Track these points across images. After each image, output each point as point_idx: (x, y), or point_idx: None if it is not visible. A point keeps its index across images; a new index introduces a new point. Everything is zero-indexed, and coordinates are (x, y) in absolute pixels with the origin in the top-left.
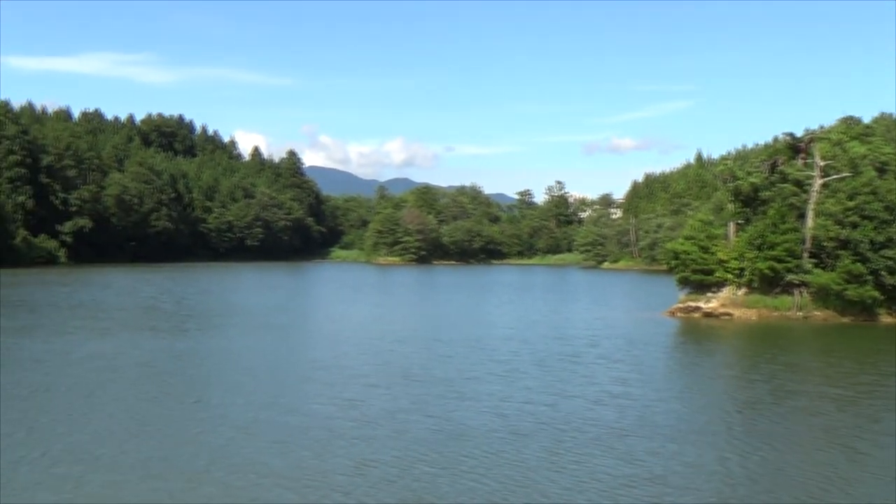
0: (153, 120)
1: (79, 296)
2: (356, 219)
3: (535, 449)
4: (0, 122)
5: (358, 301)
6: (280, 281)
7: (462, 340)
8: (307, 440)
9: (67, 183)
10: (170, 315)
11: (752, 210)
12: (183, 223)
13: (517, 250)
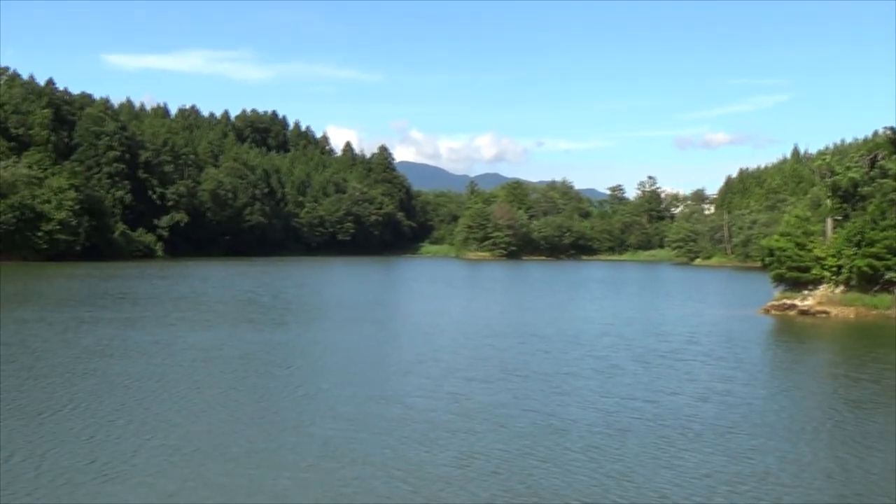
0: (248, 116)
1: (178, 289)
2: (446, 214)
3: (637, 444)
4: (100, 118)
5: (451, 296)
6: (372, 275)
7: (558, 336)
8: (412, 432)
9: (164, 178)
10: (267, 308)
11: (851, 206)
12: (276, 217)
13: (608, 246)
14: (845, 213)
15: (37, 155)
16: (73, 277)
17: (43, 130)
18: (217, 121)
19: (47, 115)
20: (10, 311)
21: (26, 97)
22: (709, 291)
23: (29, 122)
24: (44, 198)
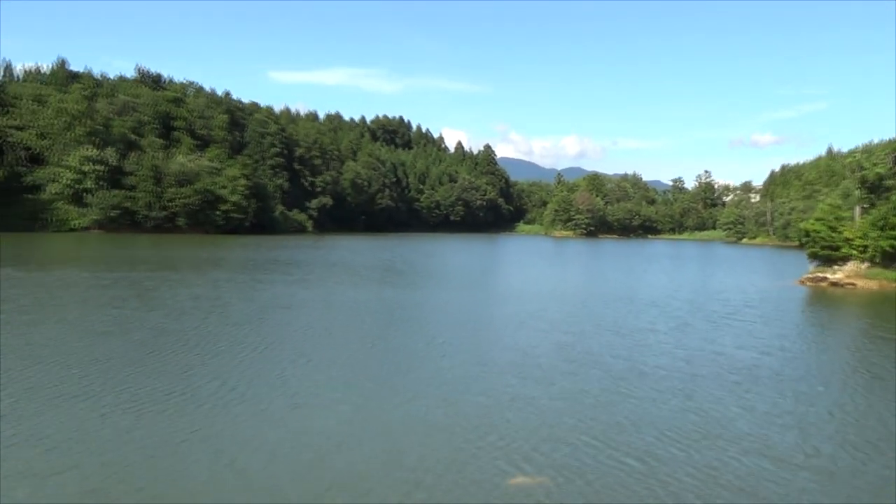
0: (380, 120)
1: (330, 257)
2: (537, 200)
3: (712, 387)
4: (265, 122)
5: (546, 266)
6: (480, 248)
7: (637, 299)
8: (527, 373)
9: (314, 169)
10: (402, 273)
11: (877, 196)
12: (401, 201)
13: (669, 227)
14: (871, 202)
15: (216, 151)
16: (245, 247)
17: (221, 132)
18: (356, 124)
19: (224, 120)
20: (206, 274)
21: (209, 105)
22: (755, 266)
23: (210, 125)
24: (221, 184)
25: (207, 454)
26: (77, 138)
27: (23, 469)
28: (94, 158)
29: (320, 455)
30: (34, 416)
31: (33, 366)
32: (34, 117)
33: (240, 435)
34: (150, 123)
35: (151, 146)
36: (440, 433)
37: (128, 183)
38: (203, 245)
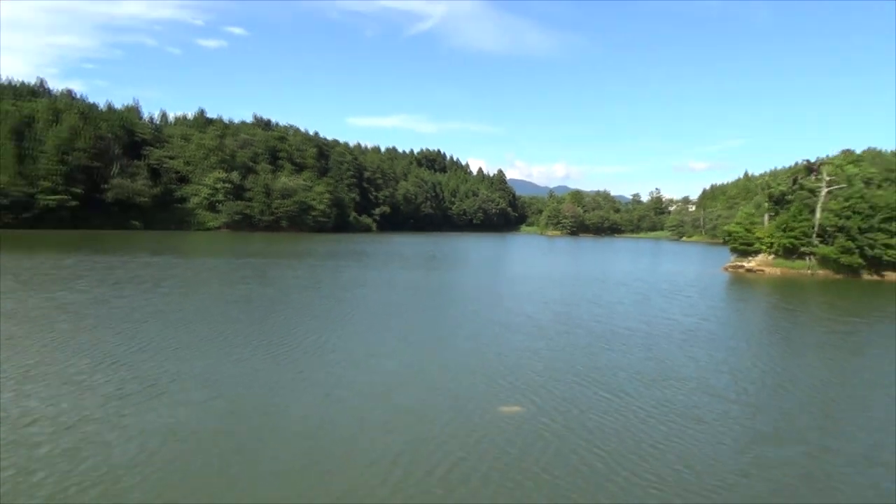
0: (423, 152)
1: (389, 249)
2: (535, 209)
3: (668, 343)
4: (343, 153)
5: (542, 256)
6: (495, 243)
7: (609, 279)
8: (534, 332)
9: (377, 187)
10: (440, 260)
11: (780, 207)
12: (438, 210)
13: (630, 228)
14: (776, 211)
15: (308, 174)
16: (329, 242)
17: (312, 160)
18: (406, 155)
19: (314, 152)
20: (303, 260)
21: (303, 142)
22: (691, 257)
23: (304, 156)
24: (311, 197)
25: (310, 389)
26: (211, 165)
27: (182, 399)
28: (223, 179)
29: (388, 389)
30: (189, 361)
31: (187, 325)
32: (182, 150)
33: (332, 375)
34: (262, 154)
35: (263, 170)
36: (470, 375)
37: (247, 196)
38: (299, 240)
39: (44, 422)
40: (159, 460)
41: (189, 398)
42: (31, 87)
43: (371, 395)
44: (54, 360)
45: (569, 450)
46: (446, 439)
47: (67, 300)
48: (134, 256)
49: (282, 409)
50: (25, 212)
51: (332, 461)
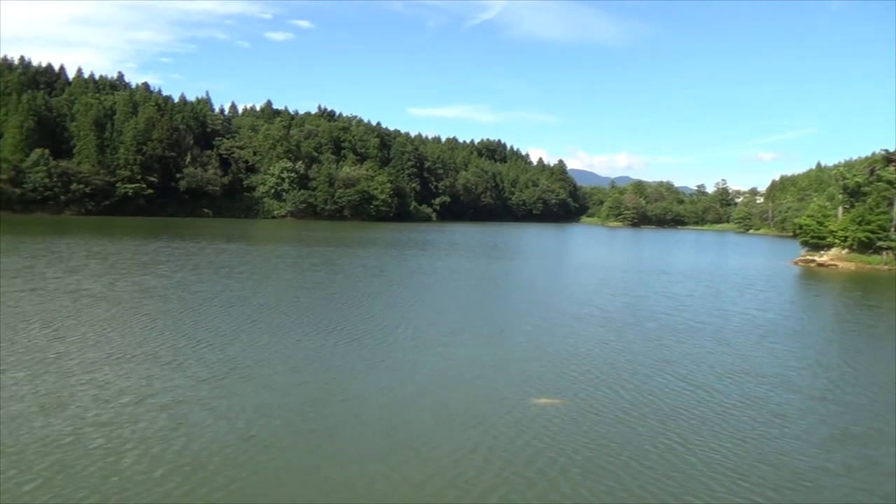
0: (484, 142)
1: (452, 238)
2: (596, 200)
3: (746, 338)
4: (404, 143)
5: (605, 247)
6: (557, 233)
7: (678, 272)
8: (604, 323)
9: (437, 177)
10: (501, 249)
11: (856, 200)
12: (498, 200)
13: (694, 220)
14: (851, 204)
15: (370, 163)
16: (391, 231)
17: (374, 150)
18: (467, 145)
19: (376, 142)
20: (368, 248)
21: (366, 132)
22: (759, 250)
23: (367, 146)
24: (373, 187)
25: (387, 375)
26: (278, 154)
27: (268, 383)
28: (289, 168)
29: (463, 377)
30: (271, 346)
31: (265, 310)
32: (250, 140)
33: (408, 362)
34: (326, 144)
35: (327, 160)
36: (542, 365)
37: (311, 185)
38: (362, 229)
39: (142, 401)
40: (248, 442)
41: (274, 382)
42: (112, 81)
43: (446, 382)
44: (146, 341)
45: (647, 442)
46: (524, 429)
47: (152, 284)
48: (210, 243)
49: (362, 395)
50: (106, 199)
51: (414, 449)
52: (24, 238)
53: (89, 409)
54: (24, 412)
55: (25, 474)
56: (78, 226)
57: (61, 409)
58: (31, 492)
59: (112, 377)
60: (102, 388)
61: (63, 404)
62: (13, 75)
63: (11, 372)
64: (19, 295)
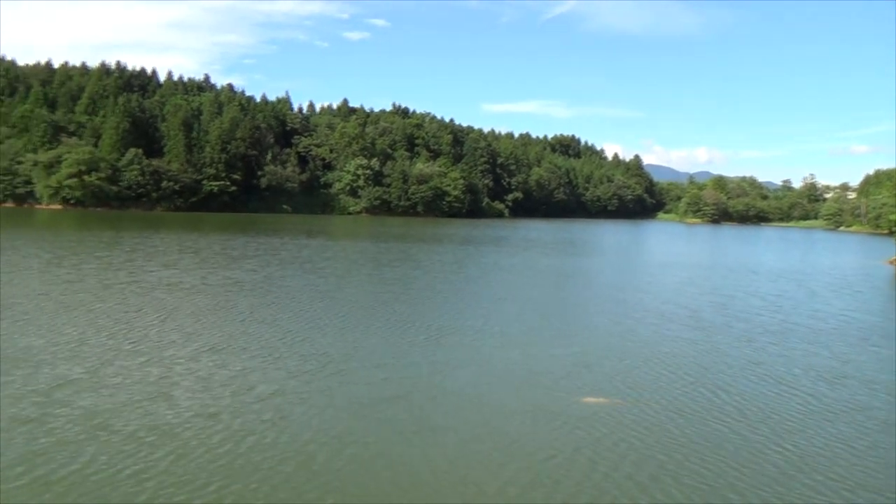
0: (557, 137)
1: (527, 235)
2: (674, 195)
3: (847, 341)
4: (477, 140)
5: (685, 244)
6: (632, 231)
7: (765, 272)
8: (692, 324)
9: (510, 173)
10: (578, 246)
11: None
12: (572, 196)
13: (778, 217)
14: None
15: (443, 160)
16: (465, 227)
17: (447, 147)
18: (540, 140)
19: (449, 139)
20: (443, 244)
21: (439, 129)
22: (850, 248)
23: (440, 143)
24: (446, 183)
25: (477, 369)
26: (353, 152)
27: (357, 378)
28: (364, 165)
29: (549, 375)
30: (359, 340)
31: (350, 304)
32: (326, 138)
33: (495, 356)
34: (400, 141)
35: (401, 157)
36: (623, 360)
37: (385, 182)
38: (436, 225)
39: (243, 393)
40: (346, 437)
41: (363, 377)
42: (198, 83)
43: (534, 380)
44: (241, 334)
45: (751, 447)
46: (614, 429)
47: (242, 278)
48: (293, 238)
49: (450, 391)
50: (193, 196)
51: (506, 447)
52: (123, 233)
53: (195, 399)
54: (130, 400)
55: (145, 460)
56: (169, 221)
57: (166, 398)
58: (154, 477)
59: (212, 368)
60: (205, 379)
61: (167, 394)
62: (111, 79)
63: (120, 361)
64: (124, 287)
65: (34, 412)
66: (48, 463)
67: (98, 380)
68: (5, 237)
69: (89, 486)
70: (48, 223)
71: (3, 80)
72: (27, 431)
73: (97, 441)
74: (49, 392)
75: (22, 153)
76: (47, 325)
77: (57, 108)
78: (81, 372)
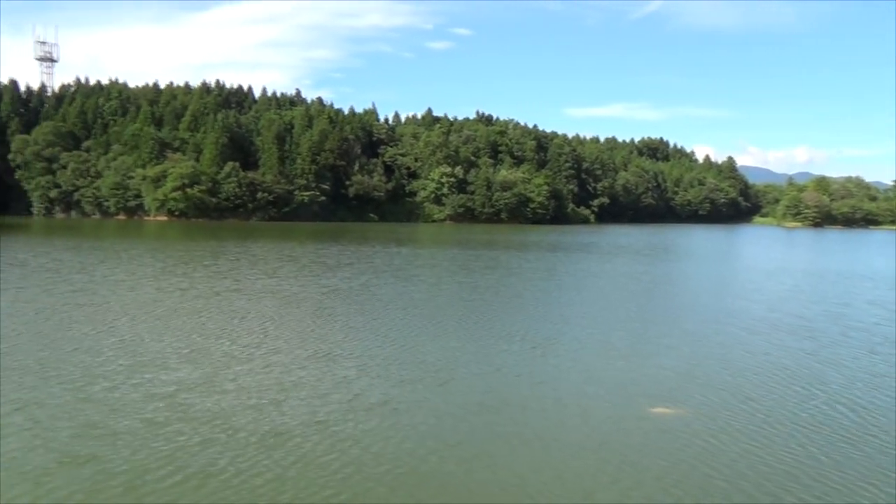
0: (644, 140)
1: (616, 241)
2: (771, 198)
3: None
4: (561, 145)
5: (787, 250)
6: (726, 236)
7: (883, 279)
8: (803, 333)
9: (595, 178)
10: (673, 252)
11: None
12: (660, 200)
13: (889, 219)
14: None
15: (527, 166)
16: (550, 233)
17: (530, 153)
18: (626, 144)
19: (533, 145)
20: (531, 251)
21: (523, 135)
22: None
23: (523, 149)
24: (530, 189)
25: (583, 378)
26: (438, 160)
27: (460, 386)
28: (448, 173)
29: (653, 389)
30: (457, 348)
31: (445, 313)
32: (412, 147)
33: (600, 366)
34: (483, 149)
35: (484, 164)
36: (740, 374)
37: (469, 189)
38: (521, 232)
39: (350, 401)
40: (456, 446)
41: (465, 386)
42: (290, 97)
43: (637, 391)
44: (343, 341)
45: (877, 465)
46: (741, 446)
47: (340, 286)
48: (384, 246)
49: (553, 400)
50: (286, 206)
51: (617, 464)
52: (225, 243)
53: (307, 405)
54: (247, 405)
55: (264, 463)
56: (264, 231)
57: (278, 404)
58: (268, 483)
59: (319, 375)
60: (313, 386)
61: (279, 400)
62: (210, 97)
63: (235, 366)
64: (231, 294)
65: (162, 415)
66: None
67: (215, 385)
68: (122, 247)
69: (215, 485)
70: (157, 234)
71: (116, 102)
72: (162, 434)
73: (217, 444)
74: (173, 394)
75: (132, 168)
76: (166, 331)
77: (163, 126)
78: (199, 376)
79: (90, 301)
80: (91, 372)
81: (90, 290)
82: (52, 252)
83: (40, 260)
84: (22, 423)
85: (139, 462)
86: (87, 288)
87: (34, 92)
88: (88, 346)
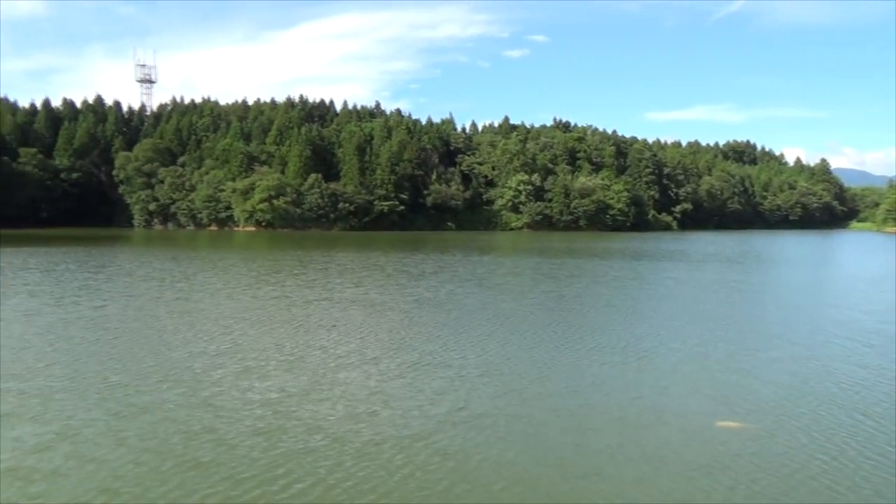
0: (729, 144)
1: (704, 249)
2: (870, 202)
3: None
4: (641, 150)
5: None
6: (822, 242)
7: None
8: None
9: (678, 183)
10: (765, 259)
11: None
12: (747, 205)
13: None
14: None
15: (606, 172)
16: (632, 241)
17: (609, 159)
18: (710, 148)
19: (612, 151)
20: (613, 259)
21: (601, 141)
22: None
23: (602, 155)
24: (610, 196)
25: (681, 395)
26: (515, 168)
27: (557, 403)
28: (525, 181)
29: (769, 398)
30: (553, 360)
31: (537, 323)
32: (489, 156)
33: (699, 381)
34: (561, 156)
35: (562, 171)
36: (847, 387)
37: (547, 197)
38: (601, 239)
39: (452, 412)
40: (557, 458)
41: (563, 401)
42: (370, 109)
43: (752, 408)
44: (436, 351)
45: None
46: (855, 459)
47: (426, 295)
48: (465, 255)
49: (659, 417)
50: (366, 216)
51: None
52: (311, 252)
53: (409, 415)
54: (346, 414)
55: (370, 471)
56: (347, 240)
57: (373, 415)
58: (363, 494)
59: (413, 385)
60: (408, 397)
61: (375, 411)
62: (294, 112)
63: (331, 375)
64: (322, 303)
65: (268, 423)
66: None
67: (314, 393)
68: (217, 257)
69: (318, 492)
70: (246, 243)
71: (209, 119)
72: (265, 441)
73: (317, 453)
74: (278, 402)
75: (223, 182)
76: (264, 339)
77: (251, 140)
78: (299, 384)
79: (194, 308)
80: (200, 378)
81: (193, 299)
82: (153, 262)
83: (145, 269)
84: (140, 427)
85: (245, 467)
86: (189, 296)
87: (135, 112)
88: (198, 352)
